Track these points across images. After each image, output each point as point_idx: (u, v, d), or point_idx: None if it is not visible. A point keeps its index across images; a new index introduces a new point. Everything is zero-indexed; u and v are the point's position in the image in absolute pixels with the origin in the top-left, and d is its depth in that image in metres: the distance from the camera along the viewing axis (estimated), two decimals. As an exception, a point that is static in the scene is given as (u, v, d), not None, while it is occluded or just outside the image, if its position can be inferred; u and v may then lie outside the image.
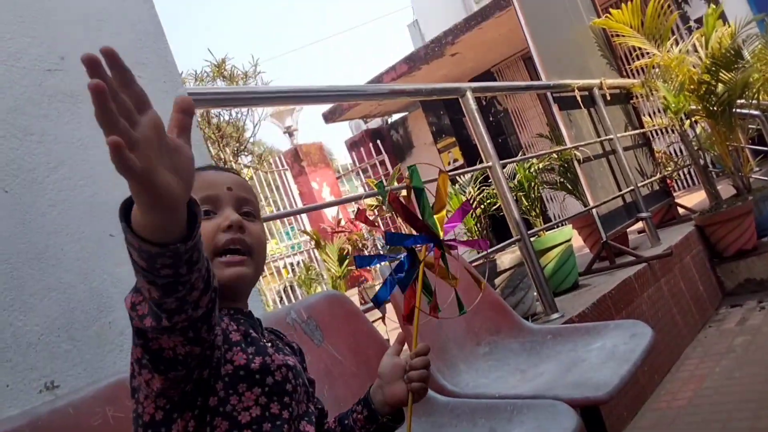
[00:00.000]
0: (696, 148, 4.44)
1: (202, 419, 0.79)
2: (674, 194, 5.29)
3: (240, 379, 0.81)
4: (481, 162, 2.72)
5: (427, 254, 1.01)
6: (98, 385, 1.07)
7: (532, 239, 2.75)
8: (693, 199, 5.72)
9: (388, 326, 4.07)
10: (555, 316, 2.47)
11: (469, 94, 2.67)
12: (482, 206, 3.30)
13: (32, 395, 1.07)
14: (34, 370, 1.08)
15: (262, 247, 0.95)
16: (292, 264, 8.54)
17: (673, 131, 6.20)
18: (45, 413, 0.99)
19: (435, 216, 1.03)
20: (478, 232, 3.05)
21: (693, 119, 4.53)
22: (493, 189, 2.87)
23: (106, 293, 1.22)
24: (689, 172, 7.92)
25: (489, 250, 2.63)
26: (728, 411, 2.27)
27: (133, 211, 0.62)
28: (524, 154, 7.63)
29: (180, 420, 0.79)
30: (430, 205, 1.03)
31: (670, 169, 4.98)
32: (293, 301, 7.41)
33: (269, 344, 0.92)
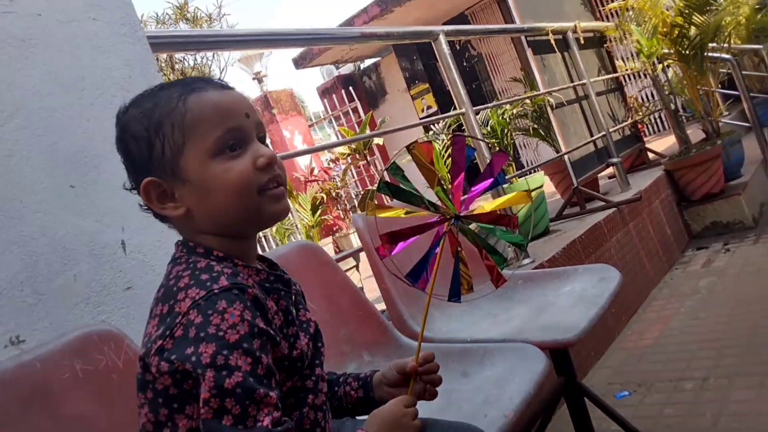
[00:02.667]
0: (667, 92, 4.46)
1: None
2: (645, 139, 5.33)
3: (281, 369, 0.78)
4: (455, 109, 2.69)
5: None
6: (65, 338, 1.05)
7: (504, 186, 2.75)
8: (663, 143, 5.78)
9: (362, 274, 4.10)
10: (526, 261, 2.51)
11: (441, 38, 2.62)
12: (455, 153, 3.29)
13: (-3, 350, 1.05)
14: (-2, 325, 1.06)
15: (285, 170, 0.88)
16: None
17: (645, 76, 6.21)
18: (11, 368, 0.98)
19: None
20: (449, 181, 3.05)
21: (665, 63, 4.53)
22: (468, 137, 2.86)
23: (69, 246, 1.19)
24: (660, 117, 7.98)
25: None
26: (692, 351, 2.35)
27: None
28: (498, 100, 7.60)
29: None
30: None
31: (641, 114, 5.00)
32: (268, 250, 7.40)
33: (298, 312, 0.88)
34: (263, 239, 7.57)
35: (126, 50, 1.39)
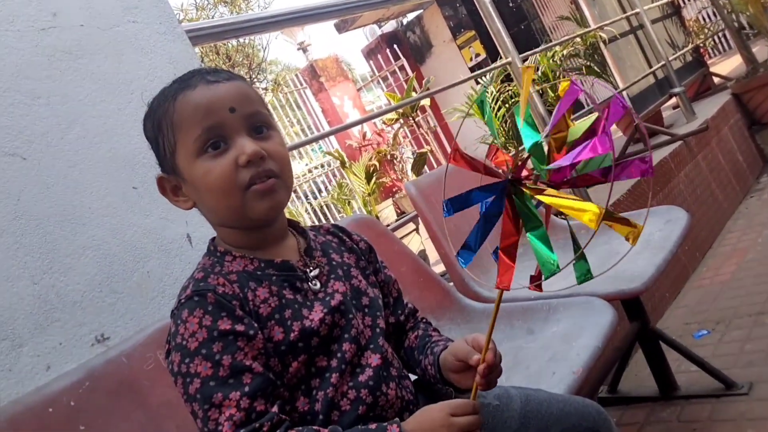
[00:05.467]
0: (728, 10, 4.18)
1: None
2: (708, 63, 5.05)
3: (283, 353, 0.80)
4: (501, 58, 2.62)
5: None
6: (146, 332, 1.12)
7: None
8: (728, 65, 5.45)
9: (423, 236, 4.12)
10: (589, 207, 2.45)
11: (480, -13, 2.54)
12: (506, 106, 3.21)
13: (85, 349, 1.13)
14: (83, 326, 1.14)
15: (287, 163, 0.86)
16: (324, 182, 8.60)
17: (704, -6, 5.83)
18: (100, 364, 1.05)
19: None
20: (504, 133, 2.98)
21: (725, -21, 4.24)
22: (515, 86, 2.78)
23: (139, 244, 1.25)
24: (724, 36, 7.50)
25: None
26: (772, 282, 2.26)
27: None
28: (549, 39, 7.31)
29: None
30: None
31: (702, 37, 4.72)
32: (330, 219, 7.53)
33: (312, 289, 0.86)
34: (325, 208, 7.69)
35: (167, 48, 1.42)
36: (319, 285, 0.87)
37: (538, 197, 0.72)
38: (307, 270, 0.88)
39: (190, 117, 0.81)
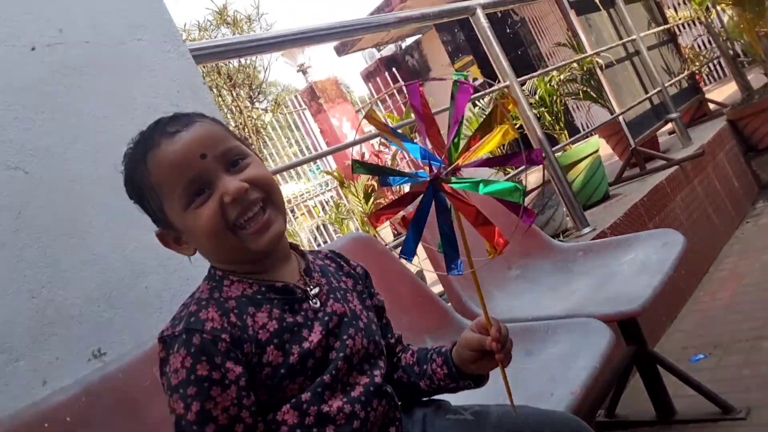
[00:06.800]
0: (724, 38, 4.25)
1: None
2: (704, 89, 5.10)
3: (282, 377, 0.81)
4: (499, 82, 2.65)
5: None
6: (144, 348, 1.12)
7: (557, 154, 2.70)
8: (724, 92, 5.52)
9: (421, 256, 4.10)
10: (586, 230, 2.46)
11: (479, 12, 2.57)
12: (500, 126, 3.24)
13: (82, 364, 1.12)
14: (80, 341, 1.13)
15: (271, 183, 0.87)
16: (322, 202, 8.61)
17: (699, 23, 5.92)
18: (96, 380, 1.04)
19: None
20: (502, 153, 3.00)
21: (719, 7, 4.31)
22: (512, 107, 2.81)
23: (138, 260, 1.25)
24: (719, 63, 7.60)
25: (518, 170, 2.59)
26: (769, 307, 2.26)
27: None
28: (545, 65, 7.39)
29: None
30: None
31: (697, 64, 4.78)
32: (327, 239, 7.52)
33: (313, 308, 0.87)
34: (322, 228, 7.69)
35: (171, 66, 1.44)
36: (319, 303, 0.89)
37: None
38: (308, 289, 0.89)
39: (166, 176, 0.82)
